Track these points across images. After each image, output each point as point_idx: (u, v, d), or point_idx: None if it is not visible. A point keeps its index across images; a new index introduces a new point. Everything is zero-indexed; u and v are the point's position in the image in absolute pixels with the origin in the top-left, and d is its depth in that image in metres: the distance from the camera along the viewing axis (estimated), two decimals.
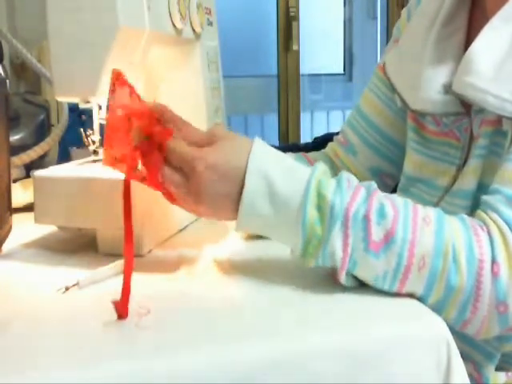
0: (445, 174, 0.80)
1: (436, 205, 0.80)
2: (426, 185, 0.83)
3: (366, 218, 0.58)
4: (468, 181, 0.75)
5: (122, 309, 0.56)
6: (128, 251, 0.59)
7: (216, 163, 0.61)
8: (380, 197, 0.61)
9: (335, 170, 0.98)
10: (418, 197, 0.84)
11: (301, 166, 0.63)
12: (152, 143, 0.63)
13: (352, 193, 0.60)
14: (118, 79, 0.65)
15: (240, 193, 0.60)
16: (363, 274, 0.60)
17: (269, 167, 0.61)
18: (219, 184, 0.61)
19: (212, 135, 0.64)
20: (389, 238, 0.58)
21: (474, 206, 0.73)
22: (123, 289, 0.57)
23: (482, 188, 0.72)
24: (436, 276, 0.59)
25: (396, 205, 0.60)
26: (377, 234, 0.58)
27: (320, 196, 0.59)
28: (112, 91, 0.64)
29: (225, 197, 0.61)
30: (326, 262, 0.60)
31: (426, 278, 0.59)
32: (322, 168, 0.62)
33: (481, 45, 0.71)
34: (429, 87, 0.77)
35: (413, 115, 0.85)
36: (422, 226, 0.59)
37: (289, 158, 0.63)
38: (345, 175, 0.62)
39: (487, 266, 0.59)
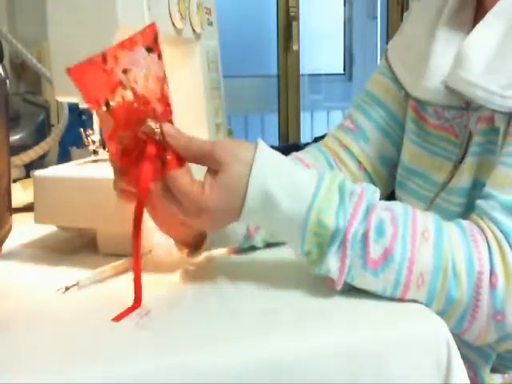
0: (441, 169, 0.80)
1: (432, 200, 0.80)
2: (423, 179, 0.83)
3: (365, 237, 0.58)
4: (464, 178, 0.75)
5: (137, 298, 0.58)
6: (135, 250, 0.59)
7: (217, 207, 0.58)
8: (380, 211, 0.59)
9: (331, 167, 0.97)
10: (415, 192, 0.84)
11: (303, 183, 0.59)
12: (161, 151, 0.58)
13: (353, 209, 0.58)
14: (156, 43, 0.56)
15: (241, 211, 0.59)
16: (361, 287, 0.60)
17: (271, 192, 0.58)
18: (221, 216, 0.60)
19: (211, 156, 0.59)
20: (387, 256, 0.58)
21: (468, 204, 0.73)
22: (135, 282, 0.58)
23: (478, 185, 0.73)
24: (435, 292, 0.59)
25: (396, 217, 0.59)
26: (375, 251, 0.58)
27: (320, 224, 0.58)
28: (148, 50, 0.56)
29: (225, 221, 0.62)
30: (323, 273, 0.60)
31: (425, 294, 0.59)
32: (326, 183, 0.59)
33: (474, 40, 0.72)
34: (433, 77, 0.77)
35: (414, 105, 0.85)
36: (421, 242, 0.59)
37: (291, 173, 0.60)
38: (348, 186, 0.60)
39: (486, 277, 0.59)
